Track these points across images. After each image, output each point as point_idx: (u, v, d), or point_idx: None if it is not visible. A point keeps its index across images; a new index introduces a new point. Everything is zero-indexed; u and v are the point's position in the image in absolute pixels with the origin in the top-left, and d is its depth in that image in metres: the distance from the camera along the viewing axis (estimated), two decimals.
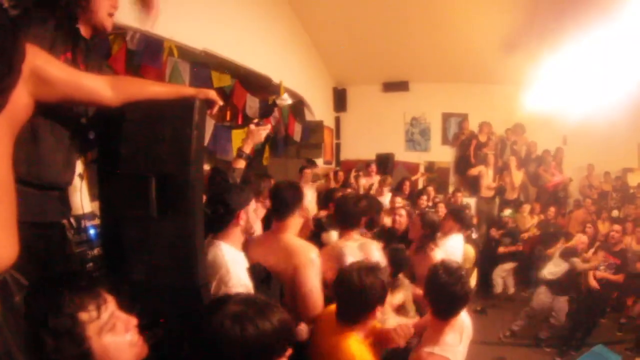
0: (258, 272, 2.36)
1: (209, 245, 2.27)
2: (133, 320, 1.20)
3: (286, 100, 2.84)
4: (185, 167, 1.69)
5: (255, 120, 2.84)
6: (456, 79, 10.05)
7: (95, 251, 2.76)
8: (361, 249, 3.10)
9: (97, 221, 2.89)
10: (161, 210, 1.68)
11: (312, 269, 2.47)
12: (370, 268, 2.26)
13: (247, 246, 2.49)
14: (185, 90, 1.87)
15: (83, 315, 1.07)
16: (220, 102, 1.91)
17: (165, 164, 1.69)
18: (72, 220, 2.72)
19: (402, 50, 9.13)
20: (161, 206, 1.68)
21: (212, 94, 1.86)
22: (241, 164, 2.76)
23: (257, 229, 2.49)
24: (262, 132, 2.84)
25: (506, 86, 9.26)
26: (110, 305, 1.14)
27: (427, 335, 2.52)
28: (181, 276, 1.74)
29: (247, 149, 2.80)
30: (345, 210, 3.29)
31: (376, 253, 3.13)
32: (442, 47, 8.76)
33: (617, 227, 6.27)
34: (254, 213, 2.39)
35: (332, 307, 2.35)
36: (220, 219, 2.30)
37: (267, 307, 1.40)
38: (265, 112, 2.74)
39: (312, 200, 6.37)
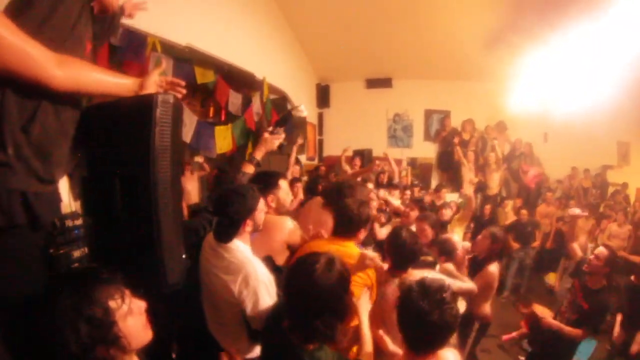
0: (271, 264, 2.45)
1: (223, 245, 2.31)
2: (144, 304, 1.31)
3: (303, 111, 2.99)
4: (146, 166, 1.64)
5: (270, 129, 2.85)
6: (439, 76, 10.10)
7: (80, 252, 2.71)
8: None
9: (80, 221, 2.84)
10: (126, 212, 1.68)
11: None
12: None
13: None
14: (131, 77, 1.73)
15: (112, 304, 1.19)
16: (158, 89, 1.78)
17: (129, 164, 1.67)
18: (56, 220, 2.67)
19: (385, 47, 9.15)
20: (126, 207, 1.68)
21: (155, 77, 1.75)
22: (250, 169, 2.84)
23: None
24: (276, 140, 2.90)
25: (488, 83, 9.33)
26: (127, 291, 1.27)
27: None
28: (146, 278, 1.69)
29: (259, 156, 2.89)
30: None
31: None
32: (425, 44, 8.81)
33: (601, 251, 3.91)
34: (261, 214, 2.41)
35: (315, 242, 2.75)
36: (225, 230, 2.33)
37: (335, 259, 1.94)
38: (281, 121, 2.85)
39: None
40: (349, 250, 2.70)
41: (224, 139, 6.56)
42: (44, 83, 1.37)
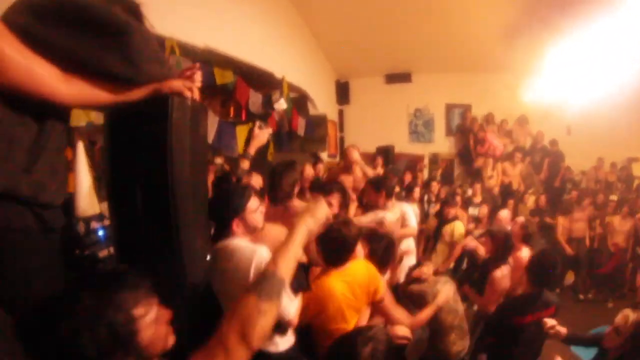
0: None
1: (222, 249, 2.28)
2: (168, 313, 1.29)
3: (282, 104, 3.26)
4: (164, 170, 1.65)
5: (258, 124, 3.04)
6: (459, 69, 9.98)
7: (105, 252, 2.79)
8: None
9: (105, 222, 2.92)
10: (147, 215, 1.68)
11: None
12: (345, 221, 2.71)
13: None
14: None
15: (137, 312, 1.16)
16: (189, 93, 1.75)
17: (147, 167, 1.67)
18: (81, 222, 2.75)
19: (404, 41, 9.09)
20: (147, 211, 1.68)
21: (177, 86, 1.72)
22: (246, 164, 2.96)
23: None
24: (265, 134, 3.08)
25: (509, 75, 9.19)
26: (154, 299, 1.25)
27: None
28: (167, 281, 1.67)
29: (252, 151, 3.02)
30: None
31: None
32: (445, 37, 8.71)
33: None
34: (253, 214, 2.37)
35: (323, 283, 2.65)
36: (217, 232, 2.40)
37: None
38: (265, 115, 3.12)
39: None
40: (358, 270, 2.73)
41: (245, 139, 6.60)
42: (50, 98, 1.42)
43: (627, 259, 7.41)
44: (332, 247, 2.66)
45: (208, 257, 2.07)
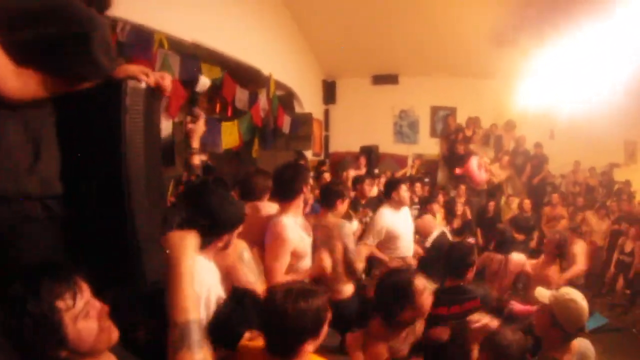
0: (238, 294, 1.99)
1: None
2: (105, 308, 1.25)
3: (205, 84, 2.76)
4: (117, 161, 1.54)
5: (189, 119, 2.70)
6: (445, 73, 10.07)
7: None
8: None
9: None
10: (101, 211, 1.58)
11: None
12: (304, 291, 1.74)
13: None
14: None
15: (60, 304, 1.14)
16: (145, 78, 1.63)
17: (100, 159, 1.57)
18: None
19: (392, 43, 9.14)
20: (101, 200, 1.58)
21: (132, 70, 1.62)
22: (197, 160, 2.67)
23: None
24: (200, 122, 2.71)
25: (495, 80, 9.32)
26: (86, 293, 1.21)
27: None
28: (125, 276, 1.63)
29: (196, 144, 2.68)
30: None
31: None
32: (432, 40, 8.78)
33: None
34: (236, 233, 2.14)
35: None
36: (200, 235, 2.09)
37: (310, 292, 1.74)
38: (192, 102, 2.75)
39: None
40: None
41: (230, 135, 6.58)
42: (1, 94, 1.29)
43: (604, 258, 7.62)
44: (274, 331, 1.74)
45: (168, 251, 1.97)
